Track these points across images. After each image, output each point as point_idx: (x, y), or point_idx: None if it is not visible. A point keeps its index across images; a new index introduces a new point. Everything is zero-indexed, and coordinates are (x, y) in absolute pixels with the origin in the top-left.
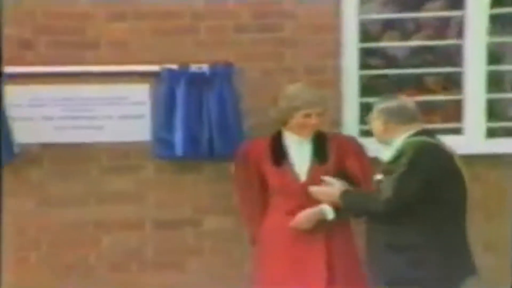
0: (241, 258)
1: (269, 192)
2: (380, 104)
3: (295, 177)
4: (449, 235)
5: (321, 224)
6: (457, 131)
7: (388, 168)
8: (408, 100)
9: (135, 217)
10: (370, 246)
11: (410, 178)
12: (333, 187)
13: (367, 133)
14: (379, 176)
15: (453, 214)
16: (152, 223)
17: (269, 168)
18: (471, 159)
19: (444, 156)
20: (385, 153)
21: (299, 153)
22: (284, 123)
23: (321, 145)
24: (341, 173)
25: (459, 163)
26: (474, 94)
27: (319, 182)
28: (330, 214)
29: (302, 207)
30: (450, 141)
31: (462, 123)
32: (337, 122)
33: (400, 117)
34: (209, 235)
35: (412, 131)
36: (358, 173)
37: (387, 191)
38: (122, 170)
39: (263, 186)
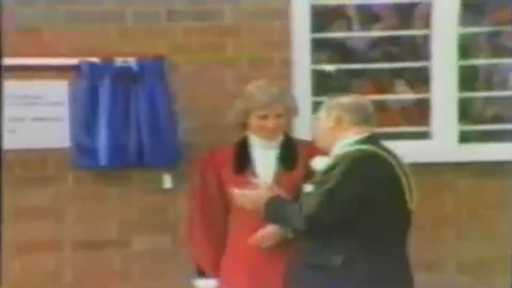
0: (177, 284)
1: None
2: (333, 100)
3: (257, 185)
4: (376, 258)
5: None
6: (424, 136)
7: (320, 179)
8: (366, 99)
9: (51, 236)
10: (291, 262)
11: (338, 194)
12: (259, 191)
13: None
14: (309, 187)
15: (384, 234)
16: (71, 244)
17: (229, 177)
18: (441, 167)
19: (383, 169)
20: (320, 162)
21: (265, 159)
22: (243, 126)
23: (289, 150)
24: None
25: (406, 178)
26: (444, 92)
27: (286, 190)
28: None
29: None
30: (416, 147)
31: (430, 127)
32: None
33: (355, 114)
34: (138, 258)
35: (359, 136)
36: None
37: (310, 207)
38: (36, 181)
39: (225, 205)
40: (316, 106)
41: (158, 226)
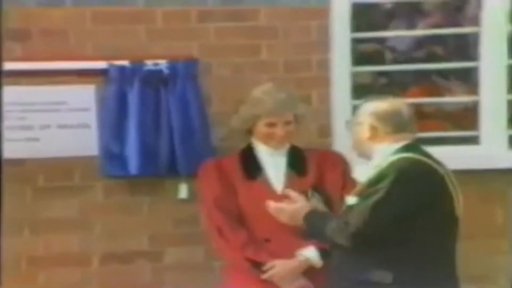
0: None
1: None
2: (368, 106)
3: (271, 189)
4: (427, 272)
5: None
6: (472, 141)
7: (366, 191)
8: (402, 104)
9: (79, 249)
10: (336, 281)
11: (388, 207)
12: (296, 205)
13: None
14: (352, 200)
15: (434, 245)
16: (100, 257)
17: (241, 185)
18: (490, 174)
19: (430, 177)
20: (362, 172)
21: (274, 165)
22: (249, 132)
23: (297, 157)
24: (317, 188)
25: (452, 185)
26: (494, 94)
27: (299, 192)
28: (318, 261)
29: (282, 229)
30: (463, 153)
31: (478, 131)
32: (325, 130)
33: (391, 123)
34: (170, 270)
35: (400, 144)
36: (339, 191)
37: (357, 222)
38: (63, 192)
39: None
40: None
41: (190, 237)
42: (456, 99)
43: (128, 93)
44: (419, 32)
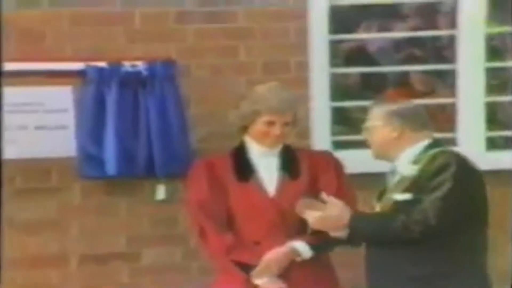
0: None
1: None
2: (385, 108)
3: (263, 192)
4: (481, 262)
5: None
6: (450, 142)
7: (416, 184)
8: (415, 103)
9: (57, 250)
10: (384, 278)
11: (457, 197)
12: (335, 209)
13: (341, 145)
14: (403, 196)
15: (484, 237)
16: (77, 258)
17: (233, 186)
18: None
19: (477, 170)
20: (405, 166)
21: (267, 166)
22: (245, 129)
23: (290, 158)
24: (310, 193)
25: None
26: (471, 96)
27: (291, 198)
28: (306, 253)
29: (272, 232)
30: None
31: (456, 133)
32: (304, 132)
33: (417, 121)
34: (148, 271)
35: (427, 141)
36: (333, 193)
37: (436, 213)
38: (40, 193)
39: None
40: (334, 112)
41: (168, 238)
42: (434, 101)
43: (106, 95)
44: (397, 34)
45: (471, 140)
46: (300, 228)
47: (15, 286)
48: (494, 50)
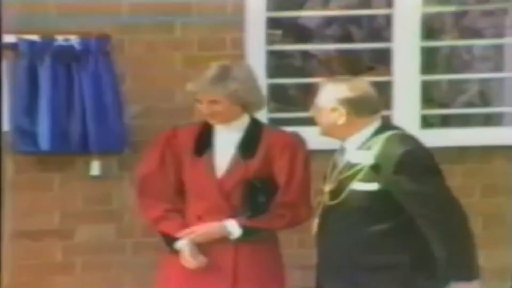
0: (120, 276)
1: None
2: (335, 90)
3: (210, 171)
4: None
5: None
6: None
7: (376, 173)
8: (367, 84)
9: None
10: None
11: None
12: None
13: (277, 122)
14: (365, 186)
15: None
16: (11, 234)
17: (187, 159)
18: None
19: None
20: (357, 153)
21: (225, 143)
22: None
23: (251, 137)
24: (257, 177)
25: None
26: (406, 75)
27: (237, 179)
28: (235, 233)
29: (215, 210)
30: None
31: (391, 111)
32: None
33: (365, 108)
34: (81, 249)
35: (375, 124)
36: (284, 178)
37: (446, 207)
38: None
39: (180, 189)
40: (272, 89)
41: (102, 216)
42: (370, 79)
43: (39, 69)
44: (333, 12)
45: (406, 118)
46: (243, 210)
47: None
48: (430, 29)
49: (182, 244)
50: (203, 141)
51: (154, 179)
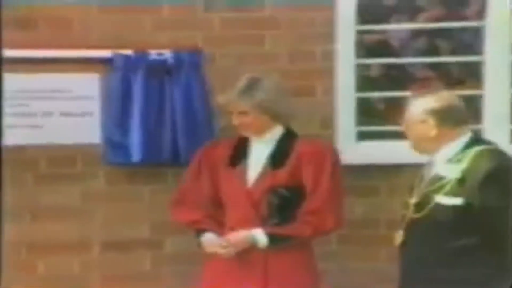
0: None
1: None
2: (424, 103)
3: (242, 181)
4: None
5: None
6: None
7: (462, 187)
8: (455, 97)
9: (79, 237)
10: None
11: None
12: None
13: (365, 136)
14: (450, 200)
15: None
16: (100, 245)
17: (223, 170)
18: None
19: None
20: (446, 166)
21: (258, 154)
22: None
23: (282, 147)
24: (282, 186)
25: None
26: (497, 89)
27: (265, 188)
28: (261, 241)
29: (245, 220)
30: None
31: (482, 125)
32: (328, 122)
33: (453, 119)
34: (170, 259)
35: (466, 137)
36: (310, 184)
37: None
38: (64, 179)
39: (217, 200)
40: (360, 102)
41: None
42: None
43: (132, 82)
44: (421, 25)
45: (496, 132)
46: (270, 219)
47: (37, 273)
48: None
49: (208, 235)
50: (238, 152)
51: (190, 190)
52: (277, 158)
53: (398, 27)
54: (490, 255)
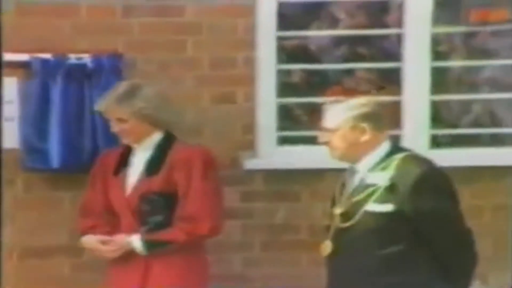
0: None
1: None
2: (348, 109)
3: (121, 189)
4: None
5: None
6: (395, 140)
7: (392, 194)
8: (373, 100)
9: None
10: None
11: (460, 212)
12: None
13: (287, 141)
14: (381, 207)
15: None
16: (20, 252)
17: (109, 179)
18: None
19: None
20: (372, 174)
21: (138, 161)
22: None
23: (158, 154)
24: (155, 192)
25: None
26: (417, 94)
27: (140, 196)
28: (138, 248)
29: (128, 227)
30: None
31: (401, 130)
32: (249, 127)
33: (382, 123)
34: (88, 267)
35: (387, 143)
36: (181, 189)
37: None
38: None
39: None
40: (280, 108)
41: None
42: (379, 98)
43: (51, 87)
44: (344, 32)
45: (415, 138)
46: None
47: None
48: (439, 49)
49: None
50: (123, 160)
51: (88, 199)
52: (153, 165)
53: (319, 33)
54: (423, 260)
